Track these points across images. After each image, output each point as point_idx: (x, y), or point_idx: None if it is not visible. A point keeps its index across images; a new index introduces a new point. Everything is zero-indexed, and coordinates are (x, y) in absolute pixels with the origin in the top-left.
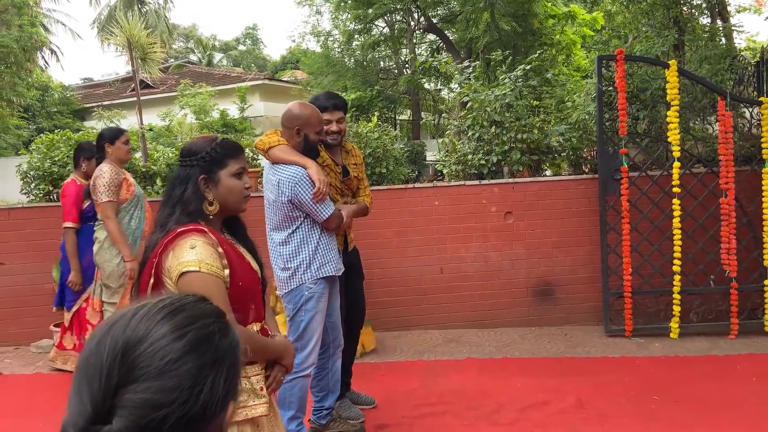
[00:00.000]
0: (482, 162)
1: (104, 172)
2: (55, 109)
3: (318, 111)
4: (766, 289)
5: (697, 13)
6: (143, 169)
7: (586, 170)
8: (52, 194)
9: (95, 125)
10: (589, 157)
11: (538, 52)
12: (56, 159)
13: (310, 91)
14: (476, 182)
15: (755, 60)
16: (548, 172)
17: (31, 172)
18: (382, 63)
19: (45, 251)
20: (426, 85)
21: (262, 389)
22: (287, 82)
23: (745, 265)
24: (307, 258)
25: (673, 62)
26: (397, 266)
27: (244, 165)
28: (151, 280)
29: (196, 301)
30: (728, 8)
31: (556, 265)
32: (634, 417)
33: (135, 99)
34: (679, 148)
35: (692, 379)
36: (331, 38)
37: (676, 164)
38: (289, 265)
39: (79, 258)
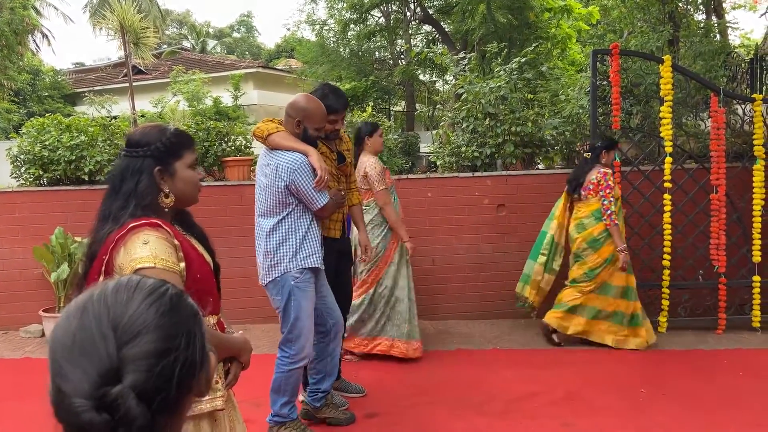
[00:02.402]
0: (476, 154)
1: (374, 163)
2: (46, 94)
3: (323, 108)
4: (754, 285)
5: (692, 9)
6: None
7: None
8: (42, 178)
9: (86, 110)
10: (582, 151)
11: (534, 45)
12: (46, 143)
13: (305, 80)
14: (469, 174)
15: (749, 57)
16: (541, 166)
17: (21, 156)
18: (377, 53)
19: (35, 236)
20: (421, 77)
21: (217, 382)
22: (281, 70)
23: (734, 260)
24: (294, 246)
25: (667, 58)
26: None
27: (196, 156)
28: (101, 278)
29: (146, 276)
30: (723, 5)
31: None
32: (622, 409)
33: (127, 85)
34: (671, 143)
35: (680, 372)
36: (327, 27)
37: (668, 159)
38: (276, 253)
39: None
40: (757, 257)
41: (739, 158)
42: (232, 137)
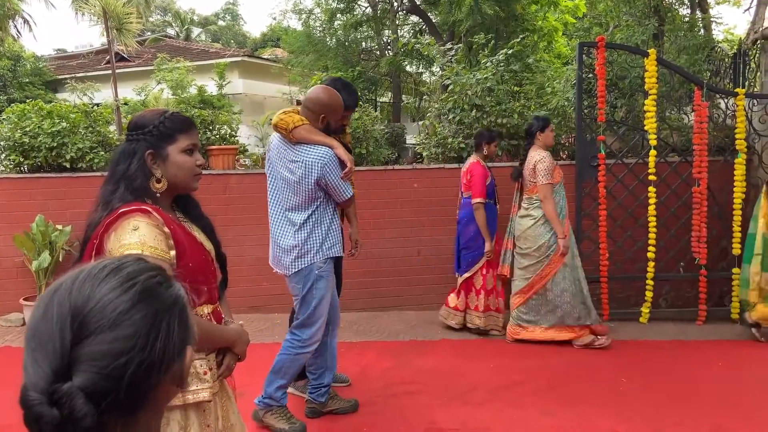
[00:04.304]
0: (462, 146)
1: (545, 157)
2: (27, 80)
3: (341, 100)
4: (734, 277)
5: (677, 4)
6: (117, 143)
7: (564, 156)
8: (23, 165)
9: (68, 97)
10: (567, 144)
11: (521, 37)
12: (27, 129)
13: (291, 69)
14: (456, 165)
15: (732, 52)
16: None
17: (1, 143)
18: (363, 44)
19: (15, 223)
20: (408, 68)
21: (206, 373)
22: (267, 60)
23: (714, 253)
24: (320, 237)
25: (652, 51)
26: (375, 247)
27: (195, 141)
28: (92, 262)
29: (137, 260)
30: None
31: None
32: (604, 398)
33: (110, 72)
34: (655, 136)
35: (660, 363)
36: (313, 17)
37: (652, 152)
38: (303, 245)
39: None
40: (737, 250)
41: (721, 152)
42: (217, 126)
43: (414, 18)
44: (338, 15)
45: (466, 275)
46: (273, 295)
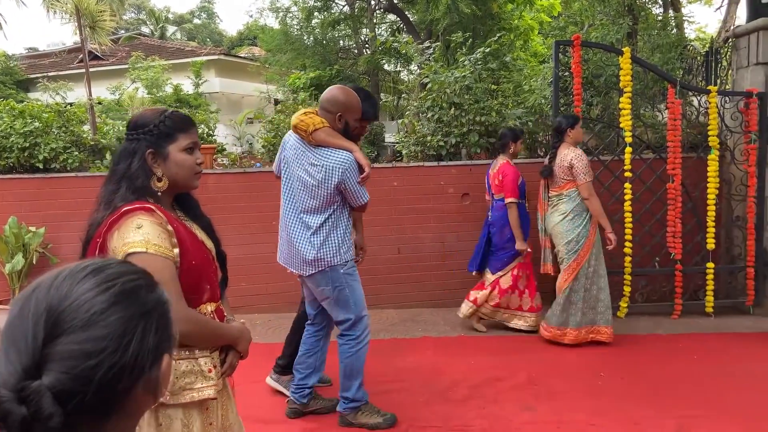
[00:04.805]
0: (441, 143)
1: (580, 155)
2: None
3: (359, 99)
4: (708, 271)
5: (650, 3)
6: (92, 143)
7: (542, 154)
8: None
9: (40, 97)
10: (544, 141)
11: (498, 35)
12: None
13: (268, 68)
14: (435, 164)
15: (704, 50)
16: None
17: None
18: (341, 42)
19: None
20: (386, 66)
21: (210, 371)
22: (244, 58)
23: (688, 248)
24: (338, 240)
25: (627, 49)
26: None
27: (195, 140)
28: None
29: (121, 263)
30: None
31: None
32: (582, 392)
33: (83, 71)
34: (630, 133)
35: (637, 356)
36: (290, 15)
37: (628, 150)
38: (321, 247)
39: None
40: (711, 245)
41: (695, 149)
42: None
43: (391, 16)
44: (315, 13)
45: (500, 274)
46: (252, 295)
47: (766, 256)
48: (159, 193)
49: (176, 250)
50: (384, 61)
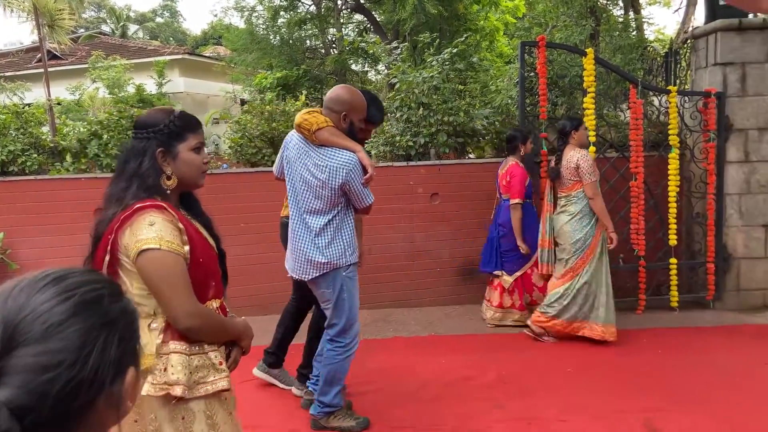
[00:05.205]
0: (410, 144)
1: (585, 155)
2: None
3: (364, 98)
4: (671, 267)
5: (611, 5)
6: (51, 145)
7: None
8: None
9: None
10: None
11: (464, 36)
12: None
13: (234, 68)
14: (404, 164)
15: (664, 51)
16: (472, 155)
17: None
18: (308, 42)
19: None
20: (353, 66)
21: (221, 363)
22: (209, 57)
23: (651, 244)
24: (344, 242)
25: (590, 50)
26: None
27: (202, 139)
28: (107, 257)
29: (83, 272)
30: (640, 0)
31: (478, 246)
32: (551, 389)
33: (41, 70)
34: (594, 133)
35: (603, 351)
36: (256, 14)
37: (592, 149)
38: (326, 249)
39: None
40: (673, 241)
41: (656, 147)
42: None
43: (358, 16)
44: (281, 12)
45: (518, 274)
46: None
47: (725, 251)
48: (168, 192)
49: (186, 248)
50: (351, 61)
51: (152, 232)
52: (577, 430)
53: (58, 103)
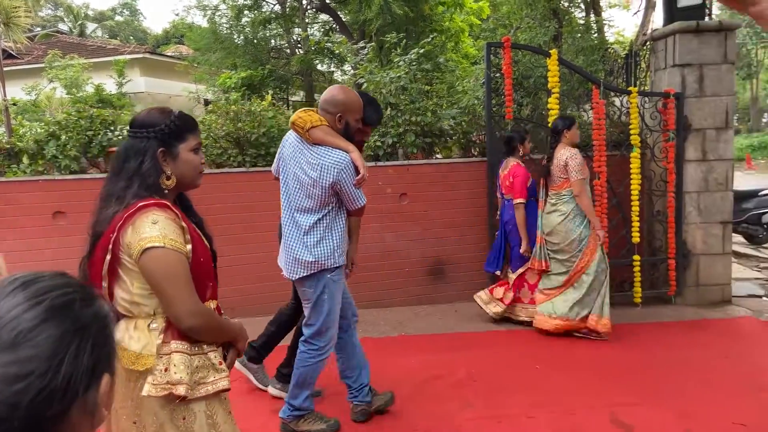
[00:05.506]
0: (378, 144)
1: (575, 154)
2: None
3: (360, 98)
4: (634, 264)
5: (572, 7)
6: (7, 146)
7: (475, 153)
8: None
9: None
10: (477, 141)
11: (431, 36)
12: None
13: (197, 67)
14: (372, 164)
15: (624, 53)
16: (439, 155)
17: None
18: (273, 41)
19: None
20: (319, 66)
21: (221, 363)
22: (171, 57)
23: (614, 242)
24: (333, 243)
25: (554, 52)
26: None
27: (200, 140)
28: (108, 257)
29: (54, 276)
30: (601, 3)
31: (447, 245)
32: (519, 386)
33: None
34: None
35: (569, 346)
36: (219, 13)
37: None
38: (314, 249)
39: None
40: (636, 238)
41: (618, 147)
42: (119, 126)
43: (324, 16)
44: (245, 12)
45: (520, 271)
46: None
47: (685, 248)
48: (166, 192)
49: (189, 247)
50: (317, 61)
51: (155, 230)
52: (545, 426)
53: (14, 104)
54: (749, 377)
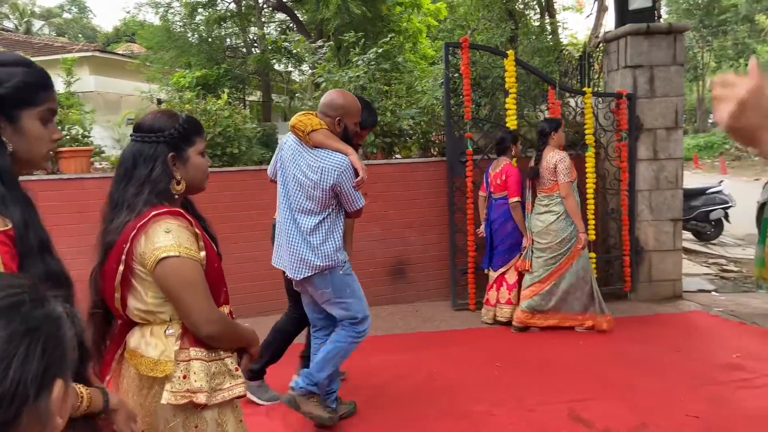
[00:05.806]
0: None
1: (564, 156)
2: None
3: (358, 102)
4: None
5: (528, 9)
6: None
7: (435, 153)
8: None
9: None
10: (437, 141)
11: (389, 36)
12: None
13: (149, 66)
14: None
15: (578, 54)
16: (399, 155)
17: None
18: (228, 40)
19: None
20: (276, 66)
21: (237, 369)
22: (122, 55)
23: None
24: (336, 242)
25: (510, 52)
26: (256, 250)
27: (204, 143)
28: (121, 267)
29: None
30: (554, 5)
31: (408, 245)
32: (480, 384)
33: None
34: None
35: (529, 344)
36: (172, 11)
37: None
38: (319, 249)
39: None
40: (591, 236)
41: (573, 146)
42: (68, 126)
43: (281, 15)
44: (200, 9)
45: (501, 270)
46: None
47: (638, 245)
48: (176, 197)
49: (203, 254)
50: (274, 60)
51: (169, 239)
52: (506, 423)
53: None
54: (701, 370)
